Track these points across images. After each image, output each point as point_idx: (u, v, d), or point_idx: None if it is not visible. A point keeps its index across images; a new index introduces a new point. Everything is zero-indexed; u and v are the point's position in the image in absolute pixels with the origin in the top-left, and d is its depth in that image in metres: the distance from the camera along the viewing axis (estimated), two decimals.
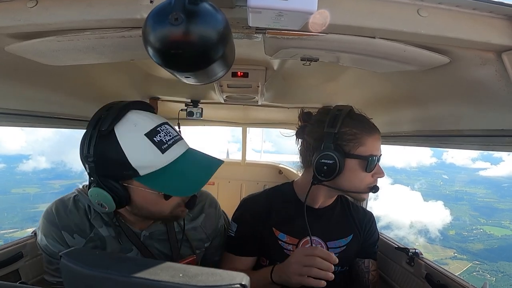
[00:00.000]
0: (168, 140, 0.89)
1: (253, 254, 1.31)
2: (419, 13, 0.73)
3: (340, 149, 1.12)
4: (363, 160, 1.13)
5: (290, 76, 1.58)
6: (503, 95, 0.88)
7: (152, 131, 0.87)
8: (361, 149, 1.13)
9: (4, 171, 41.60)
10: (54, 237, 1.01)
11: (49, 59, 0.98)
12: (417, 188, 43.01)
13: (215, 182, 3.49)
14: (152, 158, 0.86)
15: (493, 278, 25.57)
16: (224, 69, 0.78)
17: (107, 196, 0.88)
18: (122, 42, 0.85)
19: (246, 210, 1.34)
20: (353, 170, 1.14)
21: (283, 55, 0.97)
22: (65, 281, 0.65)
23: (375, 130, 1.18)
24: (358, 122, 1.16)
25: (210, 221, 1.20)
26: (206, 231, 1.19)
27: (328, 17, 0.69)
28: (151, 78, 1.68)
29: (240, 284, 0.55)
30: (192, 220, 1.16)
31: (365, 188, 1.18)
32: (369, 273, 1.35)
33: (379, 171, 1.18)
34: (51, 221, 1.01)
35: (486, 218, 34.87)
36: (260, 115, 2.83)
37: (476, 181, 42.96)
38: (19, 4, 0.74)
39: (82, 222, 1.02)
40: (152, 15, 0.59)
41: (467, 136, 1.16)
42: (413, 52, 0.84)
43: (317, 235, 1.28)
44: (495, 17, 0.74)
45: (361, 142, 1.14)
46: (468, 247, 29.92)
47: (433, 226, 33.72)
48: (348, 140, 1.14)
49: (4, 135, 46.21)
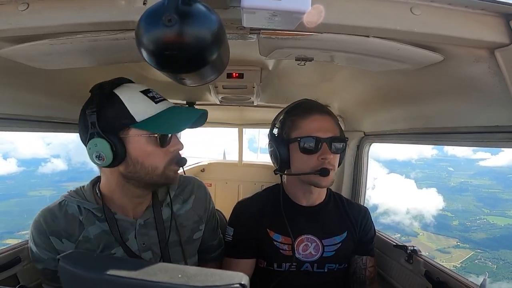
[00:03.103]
0: (158, 97, 1.01)
1: (252, 255, 1.31)
2: (412, 11, 0.73)
3: (282, 138, 1.26)
4: (298, 142, 1.20)
5: (285, 76, 1.59)
6: (497, 92, 0.89)
7: (145, 90, 0.99)
8: (296, 132, 1.22)
9: (22, 175, 41.91)
10: (43, 245, 1.01)
11: (41, 63, 0.97)
12: (422, 181, 43.40)
13: (212, 184, 3.49)
14: (146, 107, 0.96)
15: (494, 265, 25.98)
16: (219, 70, 0.78)
17: (106, 145, 0.92)
18: (116, 44, 0.85)
19: (240, 213, 1.36)
20: (294, 154, 1.23)
21: (278, 55, 0.98)
22: (64, 284, 0.64)
23: (312, 113, 1.24)
24: (296, 110, 1.27)
25: (200, 201, 1.21)
26: (198, 212, 1.20)
27: (322, 14, 0.69)
28: (145, 80, 1.67)
29: (239, 284, 0.54)
30: (184, 202, 1.17)
31: (311, 170, 1.20)
32: (366, 270, 1.35)
33: (323, 152, 1.19)
34: (38, 229, 1.01)
35: (490, 209, 35.23)
36: (256, 115, 2.84)
37: (481, 173, 43.33)
38: (10, 7, 0.73)
39: (70, 226, 1.02)
40: (145, 16, 0.58)
41: (462, 133, 1.17)
42: (407, 51, 0.85)
43: (312, 233, 1.29)
44: (487, 14, 0.75)
45: (296, 126, 1.23)
46: (471, 236, 30.27)
47: (437, 216, 34.10)
48: (287, 127, 1.26)
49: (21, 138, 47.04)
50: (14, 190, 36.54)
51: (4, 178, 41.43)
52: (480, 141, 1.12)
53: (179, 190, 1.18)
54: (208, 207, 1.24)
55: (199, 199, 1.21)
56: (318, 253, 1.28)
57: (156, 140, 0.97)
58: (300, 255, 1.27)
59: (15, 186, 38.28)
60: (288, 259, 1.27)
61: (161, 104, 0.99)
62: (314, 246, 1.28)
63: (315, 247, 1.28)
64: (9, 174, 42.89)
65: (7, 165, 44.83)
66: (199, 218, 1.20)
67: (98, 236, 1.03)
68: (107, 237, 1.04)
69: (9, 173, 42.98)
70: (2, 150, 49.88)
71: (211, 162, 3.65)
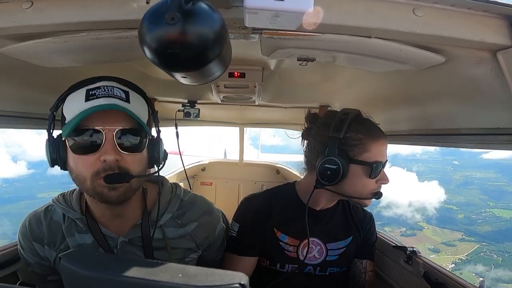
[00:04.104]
0: (100, 93, 0.83)
1: (254, 253, 1.29)
2: (415, 12, 0.73)
3: (345, 155, 1.10)
4: (367, 166, 1.11)
5: (287, 76, 1.59)
6: (498, 94, 0.89)
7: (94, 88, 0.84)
8: (366, 155, 1.11)
9: (31, 177, 42.43)
10: (28, 249, 0.99)
11: (44, 61, 0.97)
12: (427, 175, 43.30)
13: (212, 183, 3.49)
14: (75, 105, 0.83)
15: (499, 258, 26.12)
16: (221, 69, 0.78)
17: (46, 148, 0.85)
18: (118, 43, 0.85)
19: (247, 209, 1.32)
20: (357, 176, 1.12)
21: (279, 55, 0.98)
22: (65, 283, 0.65)
23: (381, 136, 1.16)
24: (364, 127, 1.14)
25: (204, 229, 1.09)
26: (196, 239, 1.07)
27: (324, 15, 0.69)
28: (147, 78, 1.68)
29: (239, 284, 0.55)
30: (180, 227, 1.04)
31: (368, 194, 1.16)
32: (366, 274, 1.35)
33: (383, 178, 1.16)
34: (23, 234, 0.99)
35: (495, 201, 35.20)
36: (257, 115, 2.84)
37: (486, 165, 43.21)
38: (14, 5, 0.73)
39: (52, 234, 0.98)
40: (148, 15, 0.59)
41: (463, 135, 1.17)
42: (409, 52, 0.84)
43: (317, 236, 1.27)
44: (490, 16, 0.75)
45: (366, 148, 1.11)
46: (476, 229, 30.32)
47: (442, 210, 34.12)
48: (353, 145, 1.11)
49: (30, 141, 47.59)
50: (24, 193, 37.23)
51: (13, 181, 42.17)
52: (481, 143, 1.12)
53: (177, 213, 1.04)
54: (212, 234, 1.12)
55: (202, 227, 1.08)
56: (321, 257, 1.28)
57: (76, 145, 0.83)
58: (304, 256, 1.25)
59: (25, 189, 38.82)
60: (292, 261, 1.26)
61: (95, 101, 0.82)
62: (318, 249, 1.28)
63: (319, 250, 1.28)
64: (20, 176, 43.63)
65: (17, 167, 45.75)
66: (196, 245, 1.08)
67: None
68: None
69: (19, 175, 43.74)
70: (12, 153, 50.59)
71: (211, 161, 3.65)
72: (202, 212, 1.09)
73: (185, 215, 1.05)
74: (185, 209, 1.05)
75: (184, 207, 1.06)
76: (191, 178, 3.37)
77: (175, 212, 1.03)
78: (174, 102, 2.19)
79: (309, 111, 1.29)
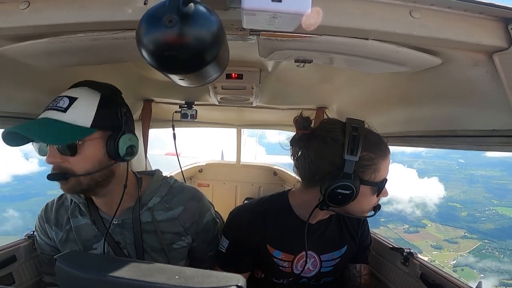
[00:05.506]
0: (49, 105, 0.98)
1: (246, 270, 1.25)
2: (412, 14, 0.74)
3: (357, 177, 1.02)
4: (376, 186, 1.07)
5: (284, 77, 1.59)
6: (495, 96, 0.89)
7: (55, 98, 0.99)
8: (376, 175, 1.06)
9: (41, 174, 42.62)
10: (41, 230, 1.19)
11: (42, 61, 0.97)
12: (432, 173, 43.41)
13: (209, 184, 3.48)
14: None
15: (501, 255, 26.36)
16: (219, 71, 0.78)
17: None
18: (116, 44, 0.85)
19: (238, 225, 1.24)
20: (365, 196, 1.07)
21: (277, 57, 0.98)
22: (60, 284, 0.64)
23: (388, 151, 1.10)
24: (374, 145, 1.07)
25: (190, 214, 1.16)
26: (184, 224, 1.15)
27: (322, 16, 0.69)
28: (145, 80, 1.68)
29: (236, 286, 0.55)
30: (168, 210, 1.14)
31: (370, 209, 1.14)
32: (361, 278, 1.34)
33: (384, 192, 1.11)
34: (40, 216, 1.19)
35: (499, 200, 35.37)
36: (255, 116, 2.84)
37: (491, 164, 43.38)
38: (11, 6, 0.73)
39: (61, 216, 1.16)
40: (146, 17, 0.58)
41: (460, 137, 1.18)
42: (406, 54, 0.85)
43: (311, 249, 1.23)
44: (486, 18, 0.75)
45: (377, 168, 1.05)
46: (479, 227, 30.55)
47: (445, 207, 34.22)
48: (365, 166, 1.04)
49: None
50: (34, 190, 38.72)
51: (25, 178, 44.26)
52: (477, 144, 1.12)
53: (166, 198, 1.15)
54: (200, 220, 1.19)
55: (188, 211, 1.16)
56: (315, 269, 1.26)
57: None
58: (298, 270, 1.23)
59: (35, 186, 40.30)
60: (287, 275, 1.25)
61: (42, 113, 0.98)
62: (312, 261, 1.25)
63: (313, 262, 1.25)
64: (31, 173, 45.41)
65: (29, 164, 47.51)
66: (183, 229, 1.15)
67: (80, 227, 1.13)
68: (88, 229, 1.13)
69: (31, 172, 45.50)
70: (24, 150, 51.12)
71: (209, 162, 3.65)
72: (190, 197, 1.19)
73: (173, 200, 1.16)
74: (174, 194, 1.17)
75: (173, 192, 1.17)
76: (188, 179, 3.37)
77: (164, 197, 1.15)
78: (171, 103, 2.19)
79: (301, 115, 1.17)
